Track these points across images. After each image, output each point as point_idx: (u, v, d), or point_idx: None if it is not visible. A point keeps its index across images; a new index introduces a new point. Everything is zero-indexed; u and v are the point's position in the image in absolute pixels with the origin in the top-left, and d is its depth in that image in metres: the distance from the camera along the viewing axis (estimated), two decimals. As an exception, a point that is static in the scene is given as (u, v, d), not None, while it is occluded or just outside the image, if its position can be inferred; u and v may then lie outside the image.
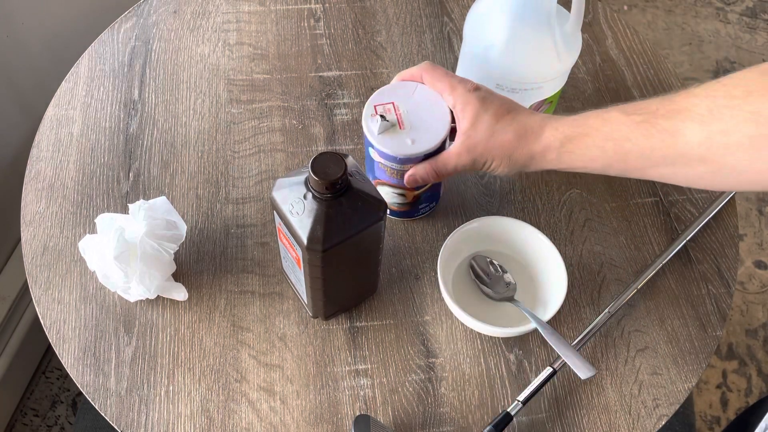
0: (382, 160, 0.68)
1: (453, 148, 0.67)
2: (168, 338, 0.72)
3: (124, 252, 0.68)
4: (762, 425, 0.69)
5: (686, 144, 0.54)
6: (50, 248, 0.76)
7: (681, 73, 1.91)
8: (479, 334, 0.73)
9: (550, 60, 0.71)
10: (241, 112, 0.87)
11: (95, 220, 0.71)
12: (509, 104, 0.66)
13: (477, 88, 0.67)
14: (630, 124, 0.58)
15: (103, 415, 0.68)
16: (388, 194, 0.74)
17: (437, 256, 0.72)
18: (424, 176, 0.68)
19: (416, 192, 0.73)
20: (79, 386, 0.69)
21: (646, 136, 0.56)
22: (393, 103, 0.68)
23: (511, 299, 0.72)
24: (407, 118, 0.67)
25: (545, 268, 0.73)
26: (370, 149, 0.69)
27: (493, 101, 0.66)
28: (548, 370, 0.68)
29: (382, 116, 0.67)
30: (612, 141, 0.59)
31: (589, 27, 0.97)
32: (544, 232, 0.73)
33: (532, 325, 0.68)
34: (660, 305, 0.76)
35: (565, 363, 0.69)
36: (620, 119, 0.59)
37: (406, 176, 0.69)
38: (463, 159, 0.66)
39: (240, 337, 0.72)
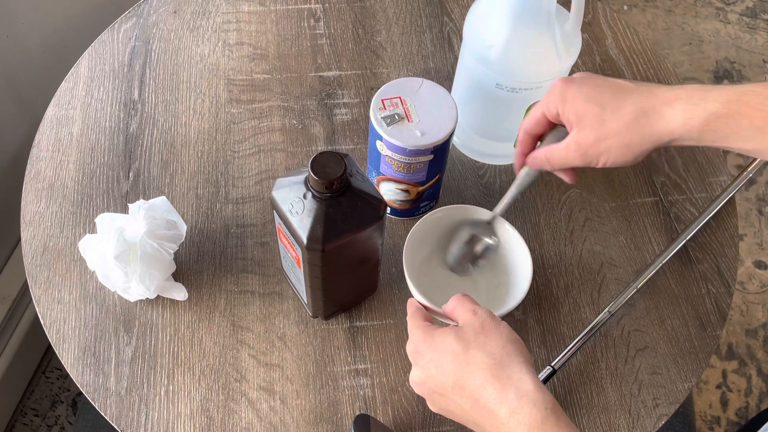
0: (390, 153, 0.69)
1: (562, 143, 0.62)
2: (168, 338, 0.72)
3: (124, 252, 0.68)
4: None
5: None
6: (50, 248, 0.76)
7: (681, 73, 1.91)
8: (479, 333, 0.72)
9: (549, 60, 0.71)
10: (241, 112, 0.87)
11: (95, 220, 0.72)
12: (616, 85, 0.59)
13: (569, 79, 0.61)
14: None
15: (103, 414, 0.68)
16: (391, 191, 0.74)
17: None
18: (541, 161, 0.65)
19: (420, 188, 0.73)
20: (79, 386, 0.69)
21: None
22: (400, 97, 0.69)
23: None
24: (415, 112, 0.68)
25: (511, 254, 0.72)
26: (378, 142, 0.69)
27: (595, 86, 0.59)
28: (548, 370, 0.68)
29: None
30: None
31: (589, 27, 0.97)
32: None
33: (507, 307, 0.67)
34: (660, 305, 0.76)
35: (565, 363, 0.69)
36: None
37: (530, 157, 0.66)
38: (572, 155, 0.61)
39: (240, 336, 0.72)
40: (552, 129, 0.65)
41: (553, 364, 0.69)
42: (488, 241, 0.71)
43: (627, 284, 0.75)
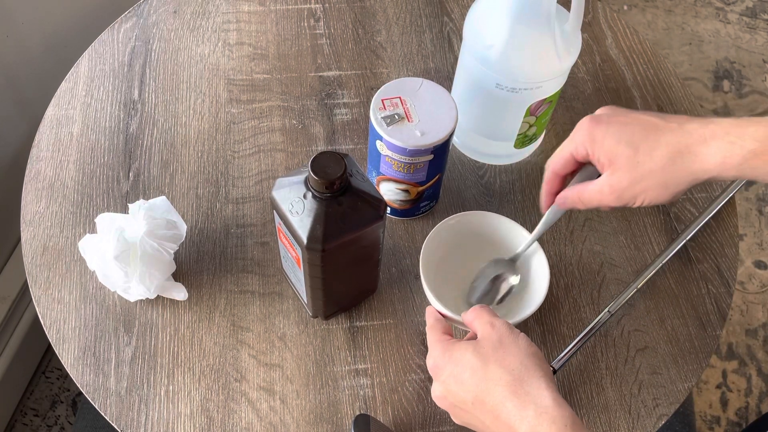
0: (390, 153, 0.69)
1: (595, 184, 0.61)
2: (168, 338, 0.72)
3: (124, 252, 0.68)
4: None
5: None
6: (50, 248, 0.76)
7: (681, 73, 1.91)
8: (479, 333, 0.72)
9: (549, 60, 0.71)
10: (241, 112, 0.87)
11: (95, 220, 0.72)
12: (646, 122, 0.58)
13: (596, 118, 0.60)
14: None
15: (103, 414, 0.68)
16: (391, 191, 0.74)
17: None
18: (573, 201, 0.64)
19: (420, 188, 0.73)
20: (79, 386, 0.69)
21: None
22: (400, 97, 0.69)
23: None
24: (415, 112, 0.68)
25: (527, 263, 0.72)
26: (378, 142, 0.69)
27: (623, 124, 0.59)
28: (548, 370, 0.68)
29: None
30: None
31: (589, 27, 0.97)
32: (524, 226, 0.72)
33: (518, 318, 0.67)
34: (660, 305, 0.76)
35: (565, 363, 0.69)
36: None
37: (560, 197, 0.65)
38: (607, 198, 0.60)
39: (240, 336, 0.72)
40: (580, 167, 0.64)
41: (553, 364, 0.69)
42: (512, 283, 0.71)
43: (627, 284, 0.75)
